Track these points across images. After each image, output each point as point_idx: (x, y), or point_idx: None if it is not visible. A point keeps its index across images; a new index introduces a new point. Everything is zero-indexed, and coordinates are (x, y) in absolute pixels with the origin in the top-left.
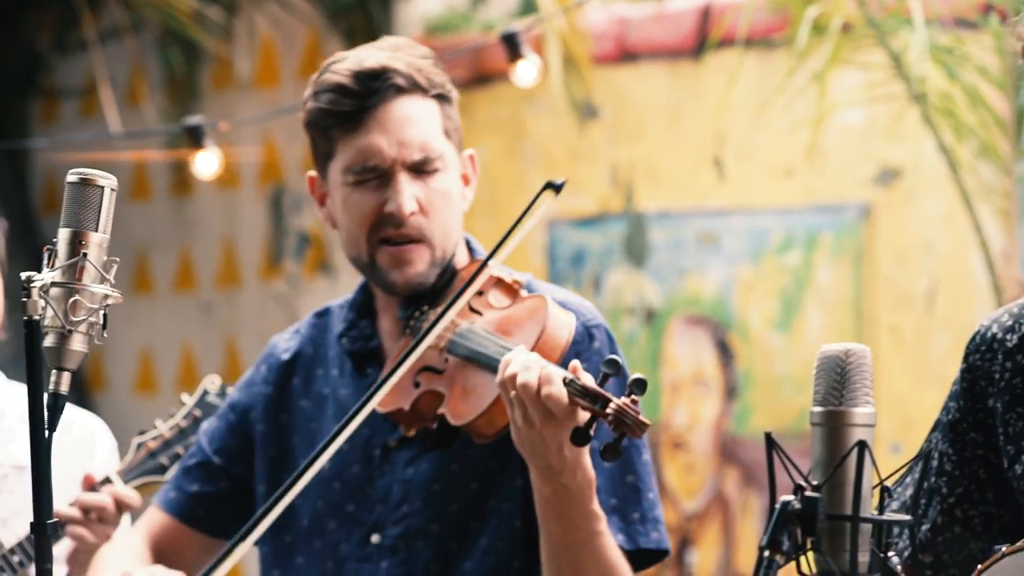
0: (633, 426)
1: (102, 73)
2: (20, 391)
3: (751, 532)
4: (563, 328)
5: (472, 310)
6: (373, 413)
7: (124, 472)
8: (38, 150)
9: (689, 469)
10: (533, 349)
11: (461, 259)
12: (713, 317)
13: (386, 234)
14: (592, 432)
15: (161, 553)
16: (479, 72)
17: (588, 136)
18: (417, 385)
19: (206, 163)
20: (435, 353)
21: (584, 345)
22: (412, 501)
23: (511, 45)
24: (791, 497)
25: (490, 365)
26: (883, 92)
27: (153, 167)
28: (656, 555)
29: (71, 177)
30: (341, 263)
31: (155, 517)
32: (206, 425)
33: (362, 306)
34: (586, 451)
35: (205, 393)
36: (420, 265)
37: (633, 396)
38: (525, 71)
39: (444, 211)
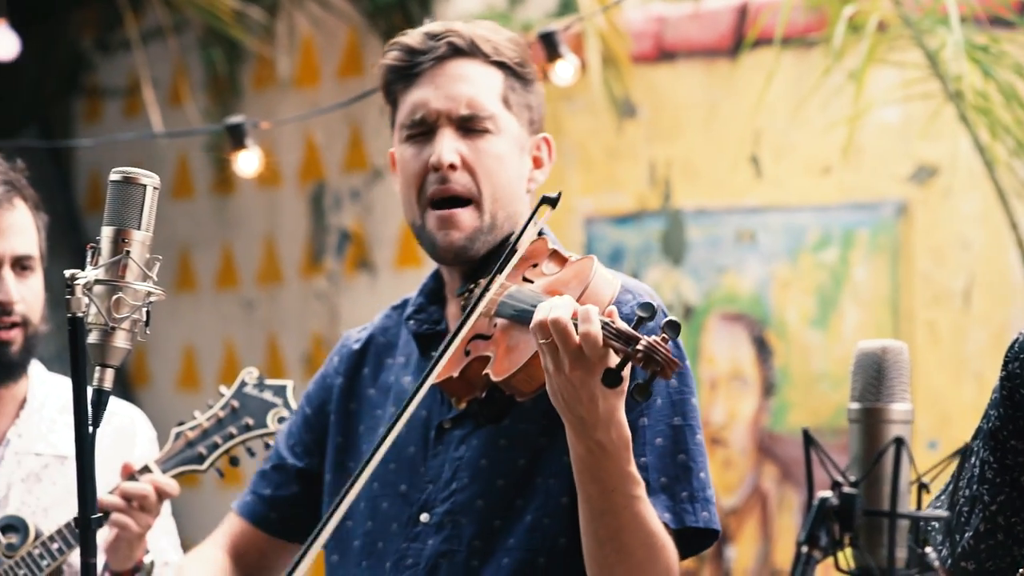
0: (663, 364)
1: (144, 73)
2: (59, 383)
3: (789, 528)
4: (606, 287)
5: (524, 279)
6: (430, 393)
7: (162, 461)
8: (82, 149)
9: (727, 465)
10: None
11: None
12: (750, 314)
13: (432, 192)
14: (623, 374)
15: (241, 558)
16: None
17: (626, 134)
18: (467, 353)
19: (247, 162)
20: (484, 320)
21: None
22: (460, 478)
23: (549, 44)
24: (829, 493)
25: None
26: (919, 90)
27: (195, 166)
28: (706, 536)
29: (114, 175)
30: (381, 260)
31: (233, 523)
32: (283, 425)
33: (433, 292)
34: (621, 410)
35: (243, 384)
36: (467, 229)
37: (664, 336)
38: (563, 70)
39: (495, 173)
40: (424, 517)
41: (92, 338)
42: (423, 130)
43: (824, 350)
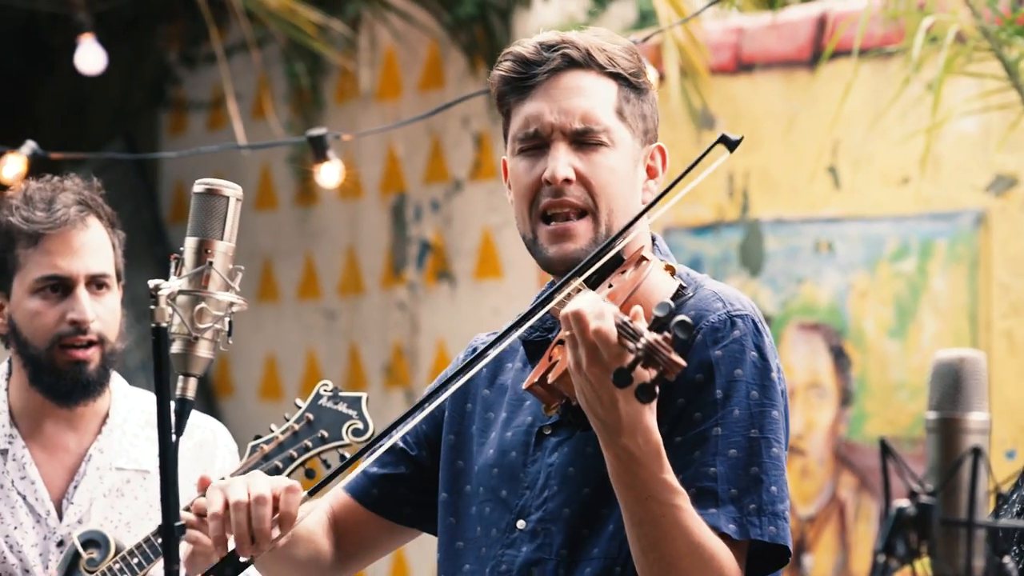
0: (664, 365)
1: (228, 86)
2: (141, 397)
3: (866, 537)
4: (656, 289)
5: (609, 286)
6: (536, 400)
7: (239, 475)
8: (167, 161)
9: (805, 474)
10: (624, 304)
11: (635, 246)
12: (828, 324)
13: (544, 205)
14: (633, 375)
15: (339, 529)
16: None
17: (704, 145)
18: (550, 359)
19: (329, 173)
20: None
21: (724, 332)
22: (551, 485)
23: None
24: (906, 502)
25: None
26: (997, 101)
27: (278, 177)
28: (775, 553)
29: (197, 187)
30: (461, 271)
31: (338, 495)
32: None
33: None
34: (649, 417)
35: (318, 396)
36: (582, 240)
37: (667, 335)
38: None
39: (610, 186)
40: (520, 524)
41: (175, 348)
42: (536, 143)
43: (902, 360)
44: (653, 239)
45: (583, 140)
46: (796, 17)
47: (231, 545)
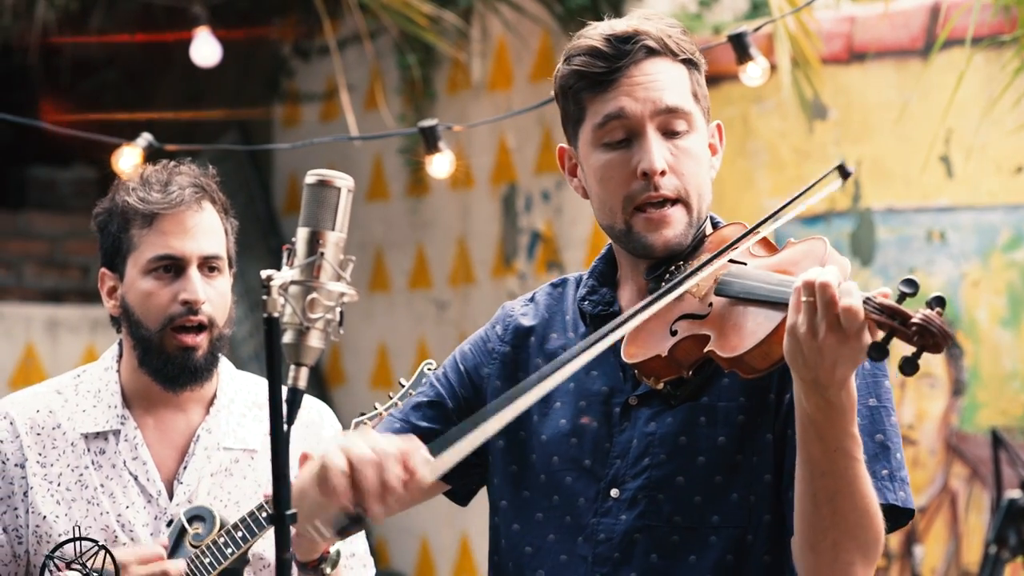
0: (939, 336)
1: (341, 78)
2: (248, 380)
3: (978, 527)
4: (841, 265)
5: (733, 261)
6: (611, 370)
7: None
8: (281, 153)
9: (916, 464)
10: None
11: (707, 229)
12: None
13: (643, 199)
14: (889, 347)
15: None
16: (708, 72)
17: (816, 135)
18: (674, 333)
19: (441, 164)
20: (695, 301)
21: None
22: (655, 454)
23: (739, 46)
24: (1018, 493)
25: (770, 298)
26: None
27: (390, 168)
28: (903, 515)
29: (309, 178)
30: (571, 261)
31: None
32: (437, 371)
33: (604, 275)
34: (850, 373)
35: (422, 376)
36: (679, 226)
37: (938, 310)
38: (753, 71)
39: (696, 172)
40: (614, 492)
41: (287, 338)
42: (624, 136)
43: (1014, 350)
44: (711, 217)
45: (670, 129)
46: (909, 6)
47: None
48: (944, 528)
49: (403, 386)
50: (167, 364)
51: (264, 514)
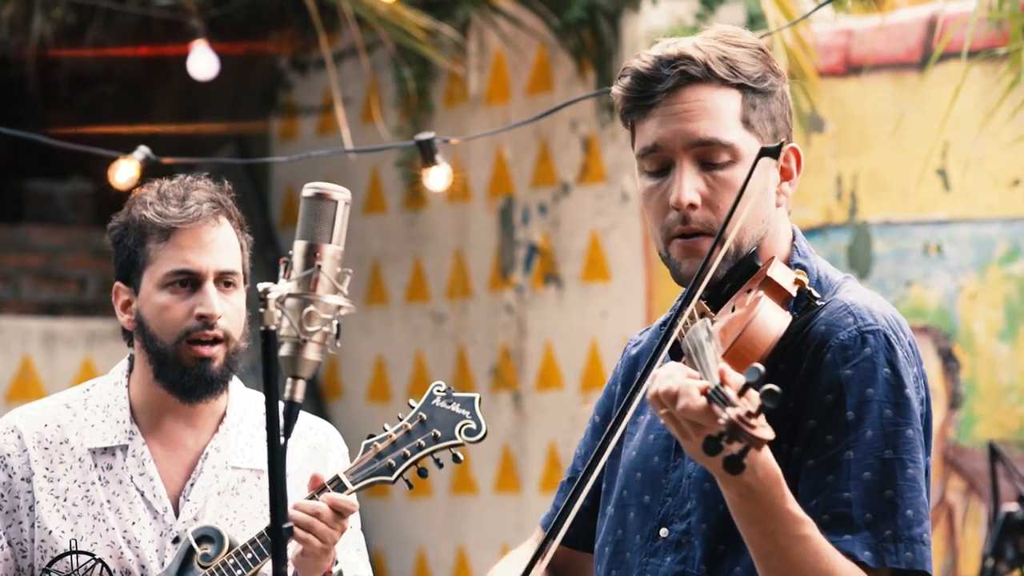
0: (748, 440)
1: (337, 92)
2: (256, 398)
3: (975, 541)
4: (767, 328)
5: (733, 309)
6: None
7: (352, 473)
8: (278, 166)
9: None
10: (728, 351)
11: (773, 251)
12: (937, 327)
13: (675, 232)
14: (723, 444)
15: (553, 569)
16: None
17: (813, 148)
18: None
19: (438, 177)
20: None
21: (855, 351)
22: (692, 498)
23: None
24: (1015, 506)
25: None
26: None
27: (387, 181)
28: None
29: (306, 191)
30: (568, 274)
31: (537, 535)
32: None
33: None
34: (764, 451)
35: (431, 397)
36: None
37: (751, 409)
38: None
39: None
40: (663, 532)
41: (284, 351)
42: (660, 165)
43: (1012, 363)
44: (794, 236)
45: (707, 160)
46: (905, 19)
47: None
48: (941, 541)
49: (412, 407)
50: (184, 375)
51: None
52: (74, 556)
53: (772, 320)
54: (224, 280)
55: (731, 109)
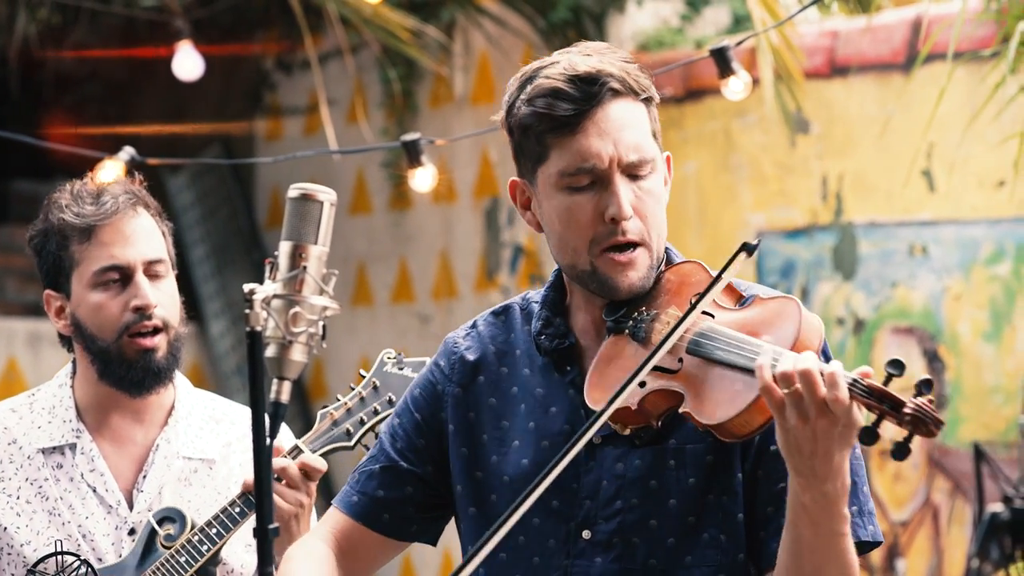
0: (932, 424)
1: (322, 92)
2: (205, 397)
3: (960, 541)
4: (816, 330)
5: (704, 312)
6: (572, 408)
7: (310, 441)
8: (263, 167)
9: (898, 479)
10: (790, 350)
11: (662, 251)
12: (922, 328)
13: (610, 243)
14: (880, 431)
15: (344, 554)
16: (690, 87)
17: (798, 149)
18: (643, 385)
19: (423, 178)
20: (666, 355)
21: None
22: (626, 497)
23: (721, 60)
24: (1000, 507)
25: (748, 366)
26: None
27: (372, 182)
28: (869, 547)
29: (292, 192)
30: None
31: (339, 520)
32: (386, 427)
33: (555, 304)
34: (847, 457)
35: (382, 364)
36: (643, 269)
37: (929, 397)
38: (735, 86)
39: (657, 213)
40: (586, 534)
41: (270, 351)
42: (591, 179)
43: (996, 364)
44: (666, 249)
45: (634, 172)
46: (891, 20)
47: None
48: (926, 542)
49: (363, 376)
50: (130, 370)
51: (237, 509)
52: (59, 556)
53: (814, 319)
54: (152, 269)
55: (645, 121)
